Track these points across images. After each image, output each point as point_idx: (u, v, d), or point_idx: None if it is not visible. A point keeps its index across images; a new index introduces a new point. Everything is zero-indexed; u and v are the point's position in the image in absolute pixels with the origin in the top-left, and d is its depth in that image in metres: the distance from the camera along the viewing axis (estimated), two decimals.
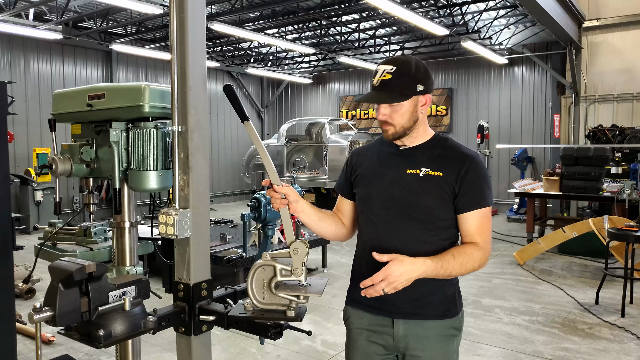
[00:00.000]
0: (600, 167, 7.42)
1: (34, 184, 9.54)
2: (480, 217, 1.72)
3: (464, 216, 1.73)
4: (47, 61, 10.60)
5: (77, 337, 1.47)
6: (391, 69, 1.68)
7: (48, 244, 2.84)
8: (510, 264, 7.02)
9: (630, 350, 4.13)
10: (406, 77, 1.68)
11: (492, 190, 1.79)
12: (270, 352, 4.10)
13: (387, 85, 1.69)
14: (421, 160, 1.76)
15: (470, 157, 1.75)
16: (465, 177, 1.71)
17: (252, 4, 8.96)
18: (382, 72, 1.69)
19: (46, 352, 4.02)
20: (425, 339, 1.75)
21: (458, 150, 1.77)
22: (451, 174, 1.72)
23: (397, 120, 1.72)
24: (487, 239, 1.74)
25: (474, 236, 1.72)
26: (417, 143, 1.79)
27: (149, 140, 1.85)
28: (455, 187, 1.71)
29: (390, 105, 1.71)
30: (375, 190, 1.81)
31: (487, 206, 1.74)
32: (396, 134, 1.74)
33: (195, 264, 1.74)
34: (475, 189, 1.72)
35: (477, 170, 1.73)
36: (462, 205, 1.72)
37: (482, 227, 1.73)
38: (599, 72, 10.73)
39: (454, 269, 1.65)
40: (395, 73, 1.68)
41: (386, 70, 1.69)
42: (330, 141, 10.72)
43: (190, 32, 1.68)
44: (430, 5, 8.76)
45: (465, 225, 1.74)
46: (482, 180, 1.73)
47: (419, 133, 1.78)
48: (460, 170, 1.71)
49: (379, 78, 1.70)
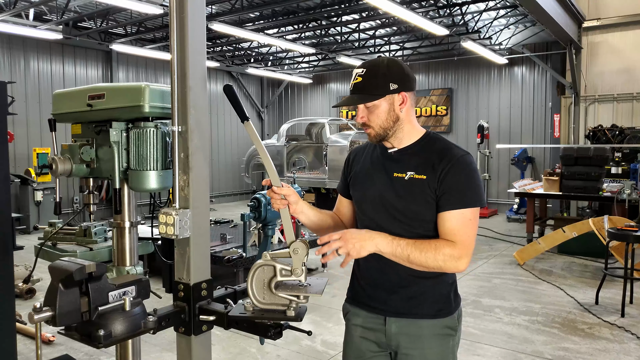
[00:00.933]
0: (600, 167, 7.42)
1: (34, 184, 9.54)
2: (457, 218, 1.66)
3: (441, 215, 1.68)
4: (47, 61, 10.60)
5: (77, 337, 1.47)
6: (362, 72, 1.72)
7: (48, 244, 2.84)
8: (510, 264, 7.02)
9: (630, 350, 4.13)
10: (376, 77, 1.70)
11: (482, 191, 1.71)
12: (270, 352, 4.10)
13: (359, 88, 1.72)
14: (407, 164, 1.74)
15: (455, 156, 1.69)
16: (445, 177, 1.67)
17: (252, 4, 8.96)
18: (354, 76, 1.73)
19: (46, 352, 4.02)
20: (418, 338, 1.75)
21: (444, 151, 1.72)
22: (433, 175, 1.69)
23: (375, 121, 1.73)
24: (464, 240, 1.65)
25: (448, 235, 1.66)
26: (405, 144, 1.78)
27: (149, 140, 1.85)
28: (438, 189, 1.68)
29: (367, 107, 1.72)
30: (367, 195, 1.82)
31: (467, 207, 1.66)
32: (377, 136, 1.75)
33: (195, 264, 1.74)
34: (456, 188, 1.66)
35: (460, 168, 1.67)
36: (441, 204, 1.68)
37: (458, 228, 1.65)
38: (599, 72, 10.73)
39: (413, 255, 1.61)
40: (365, 75, 1.71)
41: (357, 74, 1.73)
42: (330, 141, 10.71)
43: (190, 32, 1.68)
44: (430, 5, 8.77)
45: (441, 225, 1.68)
46: (465, 181, 1.67)
47: (405, 133, 1.77)
48: (442, 170, 1.68)
49: (352, 82, 1.74)
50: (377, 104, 1.71)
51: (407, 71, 1.74)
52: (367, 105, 1.72)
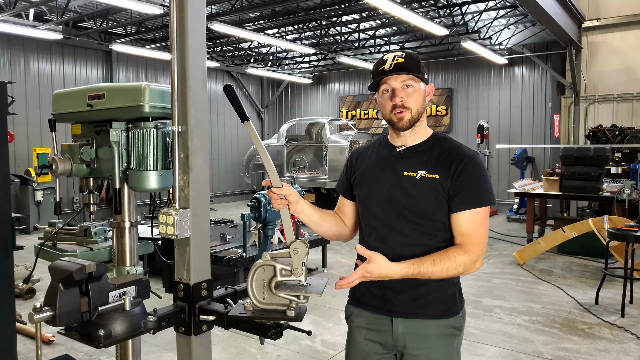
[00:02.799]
0: (600, 167, 7.42)
1: (34, 184, 9.54)
2: (472, 218, 1.68)
3: (455, 216, 1.70)
4: (47, 61, 10.60)
5: (77, 337, 1.47)
6: (402, 55, 1.73)
7: (48, 244, 2.84)
8: (510, 264, 7.02)
9: (630, 350, 4.13)
10: (417, 63, 1.73)
11: (492, 191, 1.75)
12: (270, 352, 4.10)
13: (402, 68, 1.71)
14: (418, 163, 1.74)
15: (467, 156, 1.72)
16: (459, 177, 1.68)
17: (252, 4, 8.96)
18: (393, 57, 1.73)
19: (46, 352, 4.02)
20: (424, 338, 1.74)
21: (455, 150, 1.74)
22: (446, 175, 1.70)
23: (413, 104, 1.73)
24: (479, 240, 1.69)
25: (464, 236, 1.68)
26: (417, 141, 1.78)
27: (149, 140, 1.85)
28: (450, 189, 1.69)
29: (406, 88, 1.72)
30: (374, 193, 1.80)
31: (481, 207, 1.69)
32: (412, 119, 1.74)
33: (195, 264, 1.74)
34: (469, 188, 1.68)
35: (472, 169, 1.69)
36: (455, 204, 1.69)
37: (473, 228, 1.68)
38: (599, 72, 10.73)
39: (435, 274, 1.64)
40: (406, 58, 1.72)
41: (397, 56, 1.73)
42: (330, 141, 10.70)
43: (190, 32, 1.68)
44: (430, 6, 8.77)
45: (456, 225, 1.70)
46: (477, 180, 1.70)
47: (422, 129, 1.79)
48: (455, 170, 1.69)
49: (391, 62, 1.72)
50: (418, 87, 1.73)
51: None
52: (409, 84, 1.72)
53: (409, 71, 1.70)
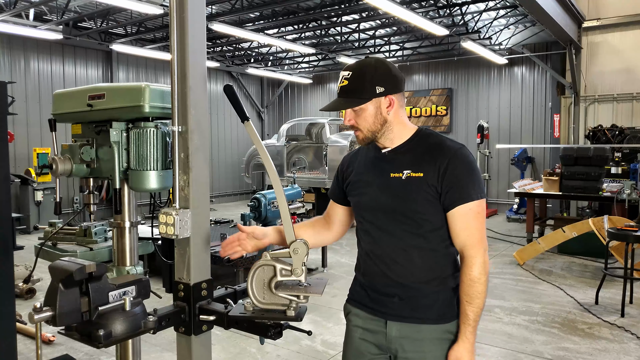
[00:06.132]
0: (600, 167, 7.42)
1: (34, 184, 9.54)
2: (466, 214, 1.65)
3: (450, 214, 1.67)
4: (47, 61, 10.60)
5: (77, 337, 1.47)
6: (348, 75, 1.70)
7: (48, 244, 2.85)
8: (510, 263, 7.02)
9: (630, 350, 4.14)
10: (362, 80, 1.67)
11: (482, 183, 1.70)
12: (270, 352, 4.11)
13: (345, 91, 1.70)
14: (403, 163, 1.72)
15: (451, 150, 1.67)
16: (445, 173, 1.65)
17: (252, 4, 8.96)
18: (341, 79, 1.72)
19: (46, 352, 4.03)
20: (419, 342, 1.73)
21: (440, 146, 1.70)
22: (432, 172, 1.66)
23: (362, 124, 1.72)
24: (478, 236, 1.66)
25: (462, 237, 1.66)
26: (397, 143, 1.75)
27: (149, 140, 1.85)
28: (438, 186, 1.66)
29: (354, 110, 1.71)
30: (365, 198, 1.79)
31: (472, 200, 1.65)
32: (366, 139, 1.74)
33: (195, 264, 1.75)
34: (457, 184, 1.64)
35: (458, 163, 1.65)
36: (447, 202, 1.66)
37: (470, 225, 1.66)
38: (599, 72, 10.73)
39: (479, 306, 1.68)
40: (351, 78, 1.69)
41: (344, 77, 1.71)
42: (330, 141, 10.70)
43: (190, 32, 1.68)
44: (430, 6, 8.77)
45: (452, 225, 1.68)
46: (465, 174, 1.66)
47: (396, 133, 1.74)
48: (440, 166, 1.65)
49: (339, 85, 1.72)
50: (364, 108, 1.69)
51: (395, 72, 1.71)
52: (354, 108, 1.70)
53: (352, 95, 1.68)
